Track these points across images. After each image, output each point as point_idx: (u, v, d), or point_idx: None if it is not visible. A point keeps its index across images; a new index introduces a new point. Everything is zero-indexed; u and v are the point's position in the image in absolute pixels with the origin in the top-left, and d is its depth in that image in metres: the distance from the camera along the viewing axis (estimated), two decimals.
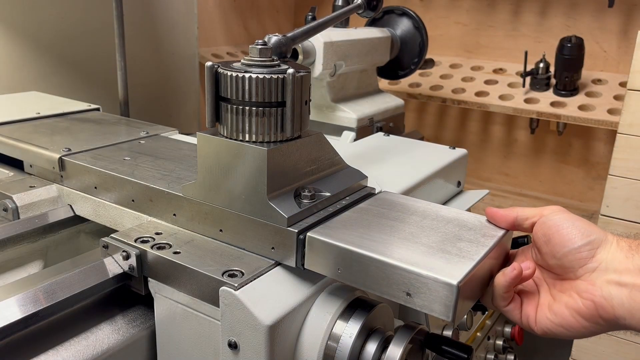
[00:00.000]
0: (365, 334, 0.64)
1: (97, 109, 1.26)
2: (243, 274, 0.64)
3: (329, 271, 0.63)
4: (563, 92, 1.77)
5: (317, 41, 1.17)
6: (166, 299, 0.69)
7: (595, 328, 0.59)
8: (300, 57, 1.15)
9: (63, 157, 0.91)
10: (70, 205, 0.91)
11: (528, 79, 1.82)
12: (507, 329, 1.08)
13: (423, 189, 0.90)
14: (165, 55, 1.89)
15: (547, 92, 1.81)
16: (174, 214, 0.76)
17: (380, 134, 1.15)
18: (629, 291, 0.56)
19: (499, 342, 1.07)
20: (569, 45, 1.70)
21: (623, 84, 1.76)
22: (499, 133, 2.13)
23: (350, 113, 1.28)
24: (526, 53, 1.77)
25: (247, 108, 0.65)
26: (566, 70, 1.74)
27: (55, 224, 0.89)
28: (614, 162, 1.35)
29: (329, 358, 0.63)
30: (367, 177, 0.79)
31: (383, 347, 0.63)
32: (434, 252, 0.61)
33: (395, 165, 0.95)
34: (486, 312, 1.04)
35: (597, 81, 1.82)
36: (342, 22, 1.32)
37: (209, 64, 0.66)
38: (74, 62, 1.61)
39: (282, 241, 0.65)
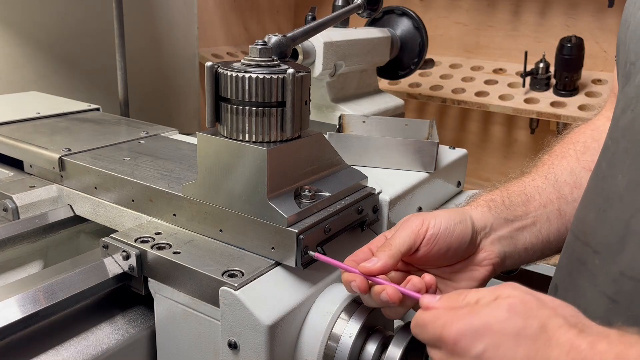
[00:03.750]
0: (365, 334, 0.64)
1: (97, 109, 1.26)
2: (243, 274, 0.64)
3: None
4: (563, 92, 1.77)
5: (317, 41, 1.16)
6: (166, 299, 0.69)
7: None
8: (300, 57, 1.14)
9: (63, 157, 0.91)
10: (70, 205, 0.91)
11: (528, 79, 1.82)
12: None
13: (423, 189, 0.90)
14: (165, 55, 1.88)
15: (547, 92, 1.81)
16: (174, 214, 0.76)
17: None
18: (509, 240, 0.68)
19: None
20: (569, 45, 1.70)
21: None
22: (499, 133, 2.13)
23: (350, 113, 1.28)
24: (526, 53, 1.77)
25: (247, 108, 0.65)
26: (566, 70, 1.73)
27: (55, 224, 0.89)
28: None
29: (329, 358, 0.63)
30: (367, 177, 0.79)
31: (383, 347, 0.63)
32: None
33: None
34: None
35: (597, 81, 1.82)
36: (342, 22, 1.32)
37: (209, 64, 0.66)
38: (74, 62, 1.60)
39: (282, 241, 0.65)
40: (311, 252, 0.65)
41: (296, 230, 0.64)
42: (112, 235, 0.73)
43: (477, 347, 0.47)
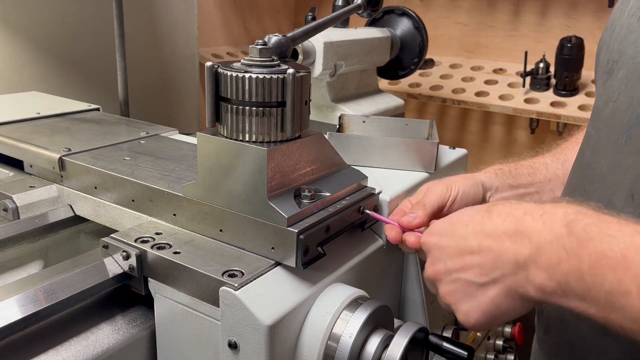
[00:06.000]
0: (365, 334, 0.64)
1: (97, 109, 1.26)
2: (243, 274, 0.64)
3: None
4: (563, 92, 1.77)
5: (317, 41, 1.16)
6: (166, 299, 0.69)
7: None
8: (300, 57, 1.14)
9: (63, 157, 0.91)
10: (70, 205, 0.91)
11: (528, 79, 1.82)
12: (507, 329, 1.08)
13: None
14: (165, 55, 1.88)
15: (547, 92, 1.80)
16: (174, 214, 0.76)
17: None
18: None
19: (499, 342, 1.07)
20: (569, 45, 1.70)
21: None
22: (499, 133, 2.13)
23: (350, 113, 1.28)
24: (526, 53, 1.77)
25: (247, 108, 0.65)
26: (566, 70, 1.73)
27: (55, 224, 0.89)
28: None
29: (329, 358, 0.63)
30: (367, 177, 0.79)
31: (383, 347, 0.63)
32: None
33: None
34: None
35: None
36: (342, 22, 1.32)
37: (209, 64, 0.66)
38: (74, 62, 1.60)
39: (282, 241, 0.65)
40: (367, 211, 0.75)
41: (296, 230, 0.64)
42: (112, 235, 0.73)
43: (435, 240, 0.63)
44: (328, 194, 0.71)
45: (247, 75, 0.64)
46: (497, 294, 0.56)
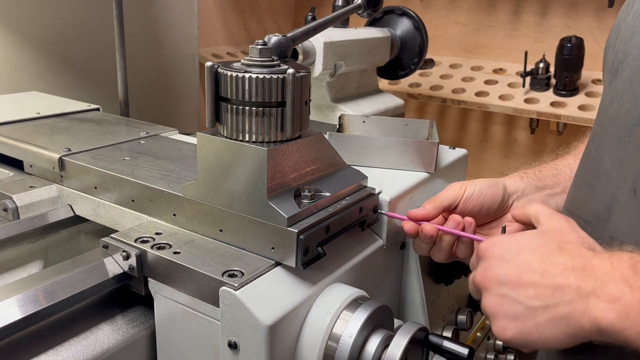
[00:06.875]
0: (365, 334, 0.64)
1: (97, 109, 1.26)
2: (243, 274, 0.64)
3: None
4: (563, 92, 1.77)
5: (317, 41, 1.16)
6: (166, 299, 0.69)
7: None
8: (300, 57, 1.14)
9: (63, 157, 0.91)
10: (70, 205, 0.91)
11: (528, 79, 1.82)
12: None
13: (423, 189, 0.90)
14: (165, 55, 1.88)
15: (547, 92, 1.80)
16: (174, 214, 0.76)
17: None
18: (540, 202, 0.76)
19: (499, 342, 1.07)
20: (569, 45, 1.70)
21: None
22: (499, 133, 2.13)
23: (350, 113, 1.28)
24: (526, 53, 1.77)
25: (247, 108, 0.65)
26: (566, 70, 1.73)
27: (55, 224, 0.89)
28: None
29: (329, 358, 0.63)
30: (367, 177, 0.79)
31: (383, 347, 0.63)
32: None
33: None
34: None
35: (597, 81, 1.82)
36: (342, 22, 1.32)
37: (209, 64, 0.66)
38: (74, 62, 1.60)
39: (282, 241, 0.65)
40: (381, 211, 0.79)
41: (296, 230, 0.64)
42: (112, 235, 0.73)
43: (498, 251, 0.60)
44: (328, 194, 0.71)
45: (247, 75, 0.64)
46: (544, 321, 0.55)
